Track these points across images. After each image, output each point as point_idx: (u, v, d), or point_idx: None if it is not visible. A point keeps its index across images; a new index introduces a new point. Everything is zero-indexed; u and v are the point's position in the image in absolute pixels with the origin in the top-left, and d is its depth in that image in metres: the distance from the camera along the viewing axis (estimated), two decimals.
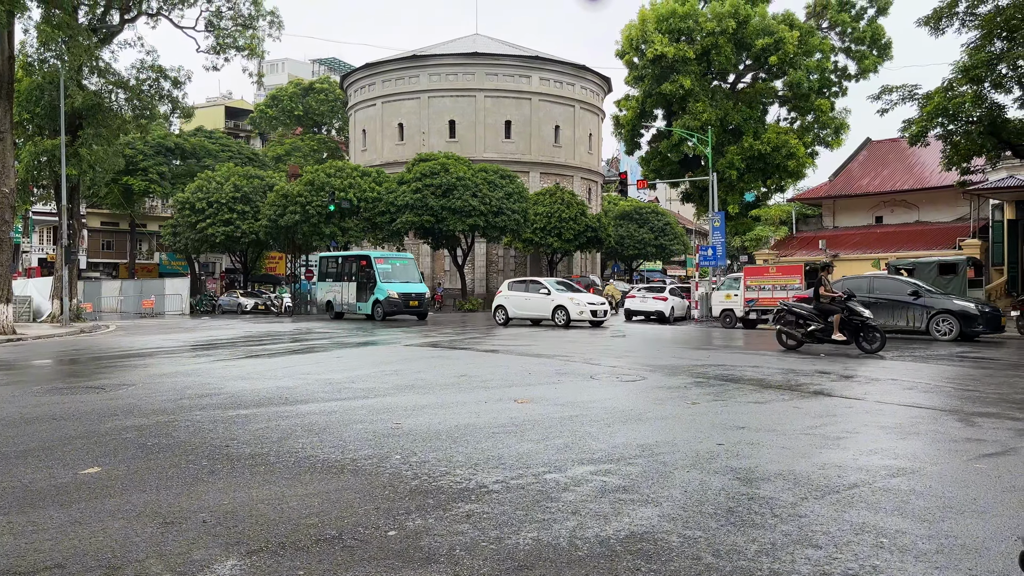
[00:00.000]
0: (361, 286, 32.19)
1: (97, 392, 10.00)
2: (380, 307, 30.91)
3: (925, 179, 36.46)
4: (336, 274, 34.03)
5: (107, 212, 60.80)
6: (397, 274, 32.06)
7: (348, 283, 32.96)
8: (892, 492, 5.08)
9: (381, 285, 31.12)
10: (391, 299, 30.74)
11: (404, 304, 30.85)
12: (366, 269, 32.01)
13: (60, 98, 27.30)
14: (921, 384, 10.62)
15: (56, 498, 4.97)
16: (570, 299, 25.81)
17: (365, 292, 31.88)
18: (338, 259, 34.66)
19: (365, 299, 31.79)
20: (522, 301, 26.91)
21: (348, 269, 33.33)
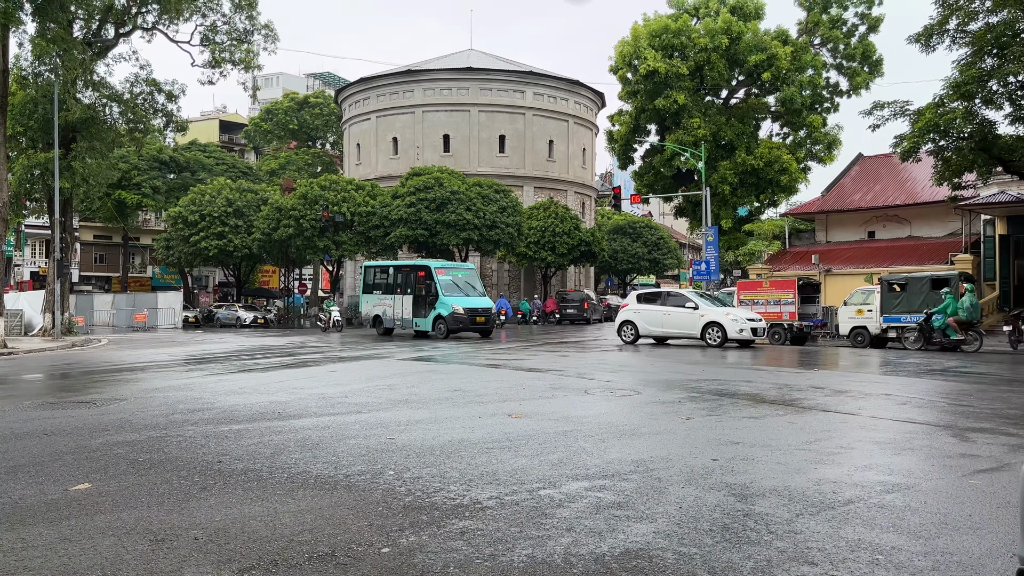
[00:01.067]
0: (419, 300, 28.97)
1: (88, 407, 9.93)
2: (443, 323, 27.77)
3: (917, 194, 36.66)
4: (386, 286, 30.66)
5: (100, 225, 60.62)
6: (459, 286, 29.06)
7: (401, 296, 29.68)
8: (887, 508, 5.07)
9: (444, 299, 28.01)
10: (456, 315, 27.69)
11: (471, 320, 27.88)
12: (425, 281, 28.84)
13: (54, 111, 27.28)
14: (915, 399, 10.63)
15: (46, 515, 4.93)
16: (726, 314, 22.42)
17: (424, 306, 28.73)
18: (388, 269, 31.42)
19: (424, 314, 28.58)
20: (658, 316, 23.47)
21: (402, 280, 30.06)
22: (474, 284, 30.18)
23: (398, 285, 30.13)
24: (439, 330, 27.91)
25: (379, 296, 30.89)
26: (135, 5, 29.46)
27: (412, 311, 29.07)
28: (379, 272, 31.71)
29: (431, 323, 28.23)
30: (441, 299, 28.02)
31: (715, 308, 23.02)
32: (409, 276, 29.86)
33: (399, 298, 29.80)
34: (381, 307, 30.63)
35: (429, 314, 28.35)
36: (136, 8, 29.60)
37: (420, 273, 29.26)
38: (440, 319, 27.92)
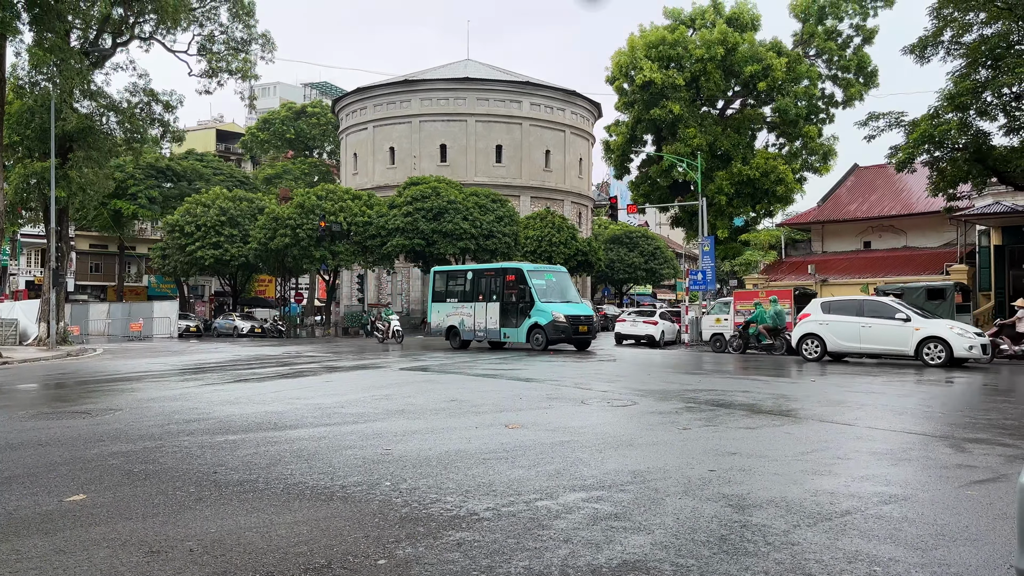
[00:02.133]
0: (508, 307, 26.08)
1: (83, 417, 9.89)
2: (541, 333, 24.96)
3: (912, 205, 36.80)
4: (463, 293, 27.89)
5: (96, 235, 60.56)
6: (555, 291, 26.28)
7: (485, 303, 26.80)
8: (885, 519, 5.06)
9: (541, 305, 25.18)
10: (557, 324, 24.80)
11: (573, 330, 24.95)
12: (516, 285, 25.99)
13: (51, 121, 27.30)
14: (911, 409, 10.63)
15: (41, 526, 4.90)
16: (949, 328, 18.73)
17: (515, 315, 25.86)
18: (465, 274, 28.55)
19: (515, 323, 25.72)
20: (853, 329, 19.91)
21: (484, 286, 27.30)
22: (569, 288, 27.30)
23: (479, 292, 27.34)
24: (535, 341, 25.13)
25: (454, 304, 28.15)
26: (132, 15, 29.56)
27: (499, 320, 26.25)
28: (453, 278, 29.04)
29: (525, 334, 25.44)
30: (538, 306, 25.19)
31: (932, 321, 19.36)
32: (493, 281, 27.04)
33: (480, 306, 27.02)
34: (457, 316, 27.90)
35: (522, 323, 25.55)
36: (134, 18, 29.69)
37: (509, 277, 26.43)
38: (537, 329, 25.11)
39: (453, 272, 29.45)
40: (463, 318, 27.51)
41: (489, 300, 26.72)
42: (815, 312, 20.96)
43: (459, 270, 29.60)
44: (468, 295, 27.59)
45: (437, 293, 29.14)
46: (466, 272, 28.59)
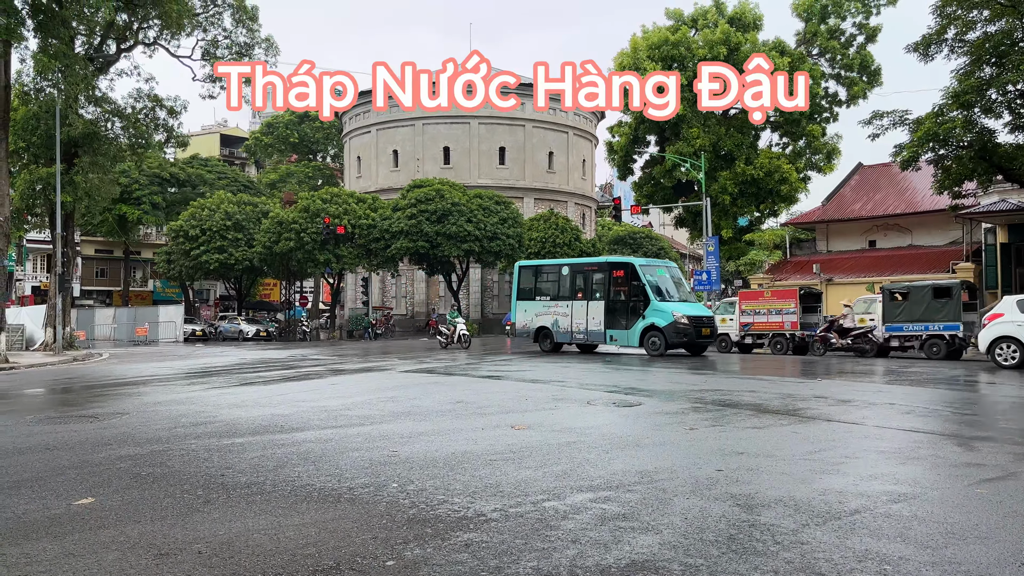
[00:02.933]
0: (616, 307, 23.42)
1: (90, 421, 9.91)
2: (659, 336, 22.27)
3: (917, 203, 36.70)
4: (559, 289, 25.21)
5: (101, 240, 60.74)
6: (667, 288, 23.43)
7: (586, 302, 24.13)
8: (894, 518, 5.04)
9: (658, 305, 22.52)
10: (679, 326, 22.09)
11: (696, 333, 22.34)
12: (626, 282, 23.39)
13: (56, 127, 27.38)
14: (919, 408, 10.60)
15: (50, 529, 4.91)
16: None
17: (624, 315, 23.14)
18: (560, 269, 25.71)
19: (625, 324, 23.00)
20: None
21: (583, 283, 24.69)
22: (682, 284, 24.62)
23: (577, 289, 24.69)
24: (651, 346, 22.47)
25: (545, 303, 25.38)
26: (136, 21, 29.62)
27: (604, 321, 23.52)
28: (544, 273, 26.30)
29: (638, 336, 22.75)
30: (654, 305, 22.52)
31: None
32: (596, 277, 24.50)
33: (579, 305, 24.30)
34: (549, 316, 25.11)
35: (634, 325, 22.81)
36: (138, 23, 29.76)
37: (617, 272, 23.89)
38: (653, 331, 22.40)
39: (544, 267, 26.81)
40: (557, 318, 24.91)
41: (591, 298, 24.10)
42: (1010, 311, 18.18)
43: (552, 264, 27.04)
44: (564, 293, 24.97)
45: (523, 290, 26.43)
46: (561, 267, 25.89)
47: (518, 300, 26.50)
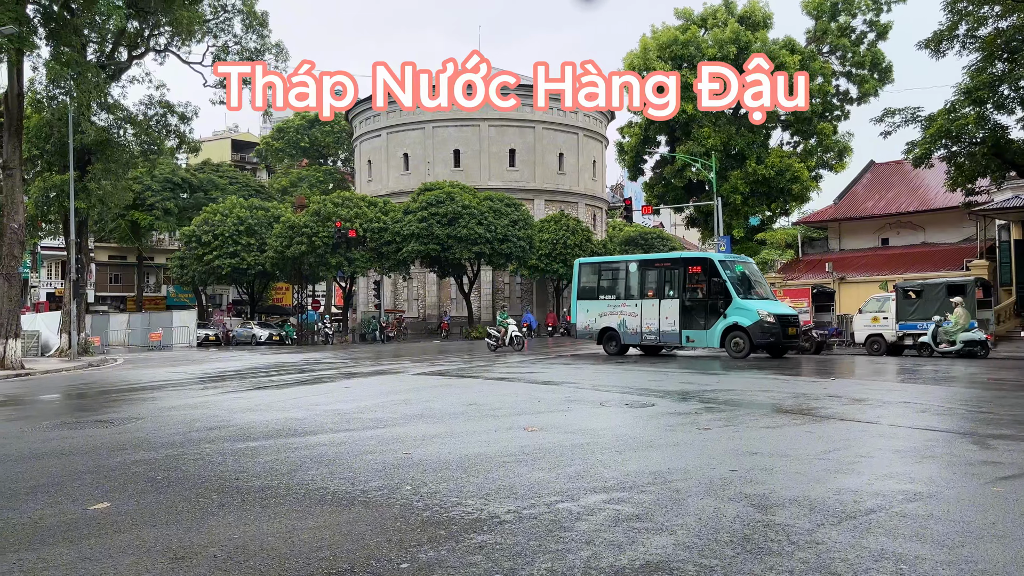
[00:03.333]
0: (693, 305, 21.93)
1: (106, 426, 9.98)
2: (742, 337, 20.85)
3: (930, 200, 36.46)
4: (626, 288, 23.78)
5: (115, 246, 61.17)
6: (746, 285, 21.98)
7: (657, 301, 22.57)
8: (910, 517, 5.01)
9: (741, 303, 21.05)
10: (765, 325, 20.60)
11: (783, 333, 20.84)
12: (703, 278, 21.89)
13: (69, 134, 27.61)
14: (933, 407, 10.52)
15: (66, 534, 4.94)
16: None
17: (702, 314, 21.69)
18: (627, 266, 24.20)
19: (703, 324, 21.57)
20: None
21: (657, 280, 23.09)
22: (762, 282, 23.16)
23: (648, 287, 23.27)
24: (734, 347, 21.05)
25: (610, 303, 23.87)
26: (148, 28, 29.87)
27: (680, 321, 22.05)
28: (609, 271, 24.83)
29: (718, 337, 21.32)
30: (736, 303, 21.08)
31: None
32: (669, 274, 22.91)
33: (649, 304, 22.81)
34: (615, 317, 23.57)
35: (713, 324, 21.36)
36: (149, 31, 30.00)
37: (693, 269, 22.42)
38: (736, 331, 20.98)
39: (609, 264, 25.49)
40: (624, 318, 23.34)
41: (663, 296, 22.60)
42: None
43: (617, 261, 25.69)
44: (632, 291, 23.57)
45: (585, 289, 25.02)
46: (627, 264, 24.38)
47: (579, 300, 25.06)
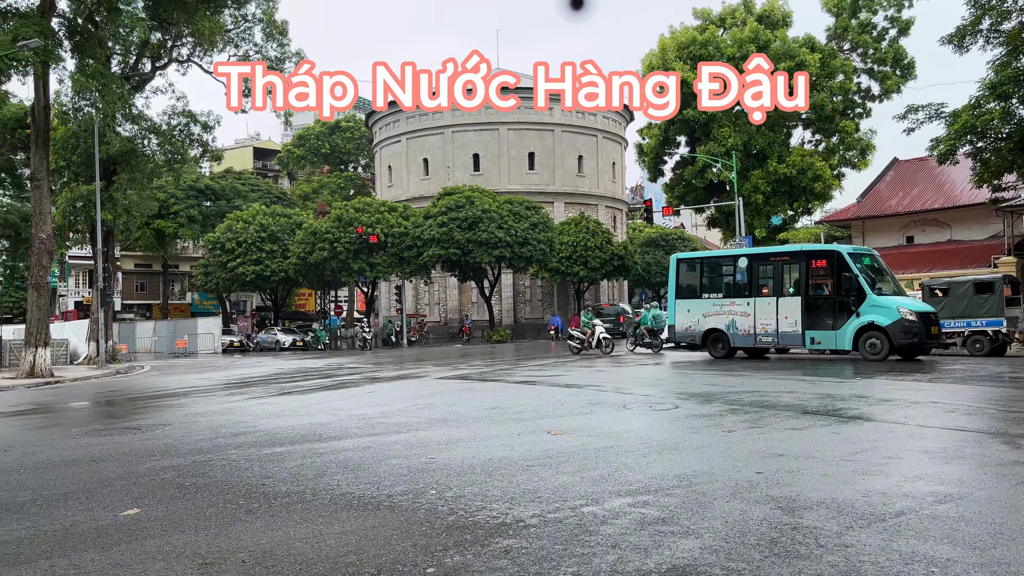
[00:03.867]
0: (818, 303, 20.02)
1: (134, 433, 10.10)
2: (880, 338, 18.92)
3: (955, 197, 35.97)
4: (734, 284, 21.90)
5: (140, 254, 61.93)
6: (876, 280, 19.98)
7: (774, 299, 20.68)
8: (940, 519, 4.94)
9: (876, 299, 19.16)
10: (906, 324, 18.69)
11: (926, 332, 18.89)
12: (830, 274, 19.89)
13: (95, 145, 28.00)
14: (963, 406, 10.38)
15: (97, 540, 5.01)
16: None
17: (830, 313, 19.74)
18: (736, 261, 22.11)
19: (830, 324, 19.60)
20: None
21: (773, 275, 21.12)
22: (892, 277, 21.14)
23: (762, 283, 21.36)
24: (870, 348, 19.07)
25: (716, 301, 21.97)
26: (170, 39, 30.26)
27: (803, 320, 20.06)
28: (712, 267, 23.09)
29: (850, 338, 19.31)
30: (871, 300, 19.16)
31: None
32: (788, 269, 20.93)
33: (764, 302, 20.92)
34: (722, 317, 21.71)
35: (844, 324, 19.37)
36: (171, 41, 30.40)
37: (818, 263, 20.35)
38: (873, 331, 19.04)
39: (712, 260, 23.67)
40: (733, 318, 21.47)
41: (781, 294, 20.69)
42: None
43: (723, 256, 23.62)
44: (742, 288, 21.60)
45: (684, 288, 23.09)
46: (736, 259, 22.21)
47: (677, 299, 23.03)
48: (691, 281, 23.08)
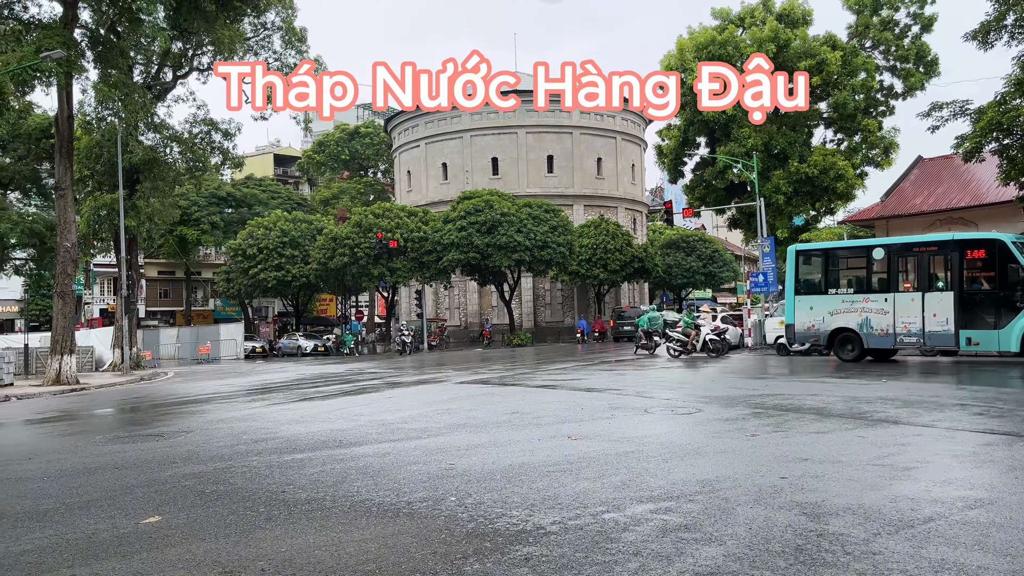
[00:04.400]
0: (976, 299, 17.93)
1: (157, 440, 10.16)
2: None
3: (982, 195, 35.40)
4: (867, 281, 20.10)
5: (163, 261, 62.52)
6: None
7: (919, 294, 18.62)
8: (971, 525, 4.83)
9: None
10: None
11: None
12: (990, 265, 17.91)
13: (118, 154, 28.33)
14: (992, 409, 10.18)
15: (118, 548, 5.02)
16: None
17: (991, 310, 17.67)
18: (870, 252, 20.08)
19: (993, 323, 17.53)
20: None
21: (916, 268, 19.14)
22: None
23: (903, 277, 19.42)
24: None
25: (845, 297, 20.09)
26: (191, 47, 30.55)
27: (956, 319, 17.96)
28: (840, 259, 21.25)
29: (1017, 339, 17.22)
30: None
31: None
32: (937, 261, 18.95)
33: (905, 298, 18.87)
34: (853, 315, 19.79)
35: (1011, 323, 17.24)
36: (192, 50, 30.69)
37: (975, 253, 18.21)
38: None
39: (840, 250, 21.69)
40: (867, 316, 19.47)
41: (929, 288, 18.63)
42: None
43: (854, 247, 21.79)
44: (878, 283, 19.75)
45: (806, 282, 21.29)
46: (871, 249, 20.14)
47: (798, 295, 21.13)
48: (813, 275, 21.27)
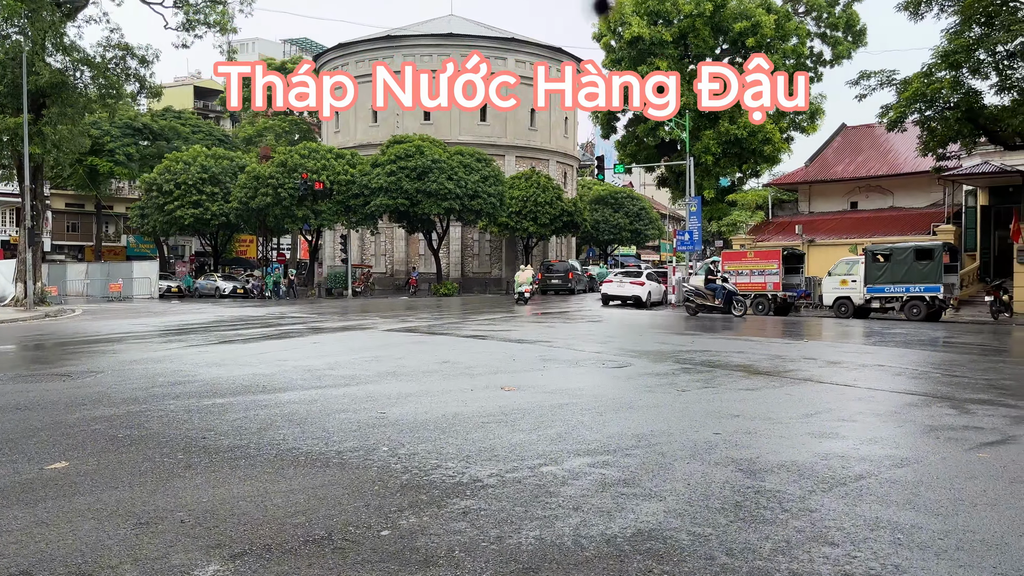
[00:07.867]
0: None
1: (63, 380, 9.58)
2: None
3: (899, 165, 36.64)
4: None
5: (72, 193, 59.25)
6: None
7: None
8: (900, 484, 4.92)
9: None
10: None
11: None
12: None
13: (23, 75, 26.39)
14: (908, 370, 10.56)
15: (21, 496, 4.64)
16: None
17: None
18: None
19: None
20: None
21: None
22: None
23: None
24: None
25: None
26: None
27: None
28: None
29: None
30: None
31: None
32: None
33: None
34: None
35: None
36: None
37: None
38: None
39: None
40: None
41: None
42: None
43: None
44: None
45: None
46: None
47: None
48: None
